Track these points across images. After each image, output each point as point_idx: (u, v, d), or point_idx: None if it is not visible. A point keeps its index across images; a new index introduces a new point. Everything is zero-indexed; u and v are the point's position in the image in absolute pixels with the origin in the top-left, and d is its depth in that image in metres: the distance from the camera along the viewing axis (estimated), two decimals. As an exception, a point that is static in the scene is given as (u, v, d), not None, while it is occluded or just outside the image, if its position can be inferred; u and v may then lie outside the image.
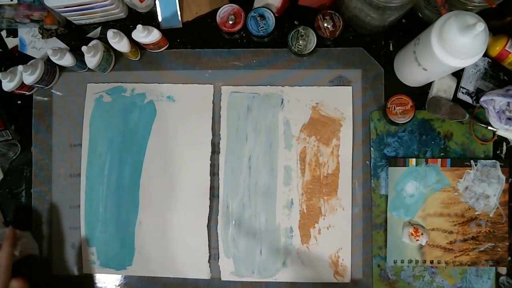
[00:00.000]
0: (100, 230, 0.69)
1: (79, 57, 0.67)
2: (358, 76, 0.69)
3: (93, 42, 0.67)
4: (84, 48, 0.63)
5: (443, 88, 0.67)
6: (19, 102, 0.73)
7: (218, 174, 0.69)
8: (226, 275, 0.68)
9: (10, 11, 0.66)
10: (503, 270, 0.66)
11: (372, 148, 0.68)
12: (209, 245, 0.68)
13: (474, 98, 0.67)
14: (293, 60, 0.70)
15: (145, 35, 0.64)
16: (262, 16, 0.66)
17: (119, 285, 0.70)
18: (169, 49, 0.71)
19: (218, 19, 0.67)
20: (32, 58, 0.71)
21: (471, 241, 0.66)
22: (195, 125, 0.69)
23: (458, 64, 0.52)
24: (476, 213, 0.66)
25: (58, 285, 0.70)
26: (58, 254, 0.71)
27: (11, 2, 0.63)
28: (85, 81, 0.71)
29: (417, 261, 0.66)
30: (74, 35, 0.72)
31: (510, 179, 0.65)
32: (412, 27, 0.68)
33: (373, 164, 0.68)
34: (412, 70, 0.62)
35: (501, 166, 0.65)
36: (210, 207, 0.69)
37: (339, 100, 0.68)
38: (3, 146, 0.69)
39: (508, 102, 0.62)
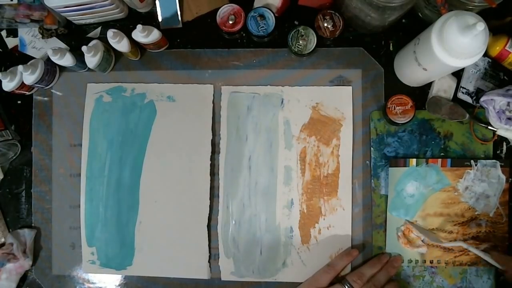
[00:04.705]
0: (100, 230, 0.69)
1: (79, 57, 0.67)
2: (358, 76, 0.69)
3: (93, 42, 0.67)
4: (84, 48, 0.63)
5: (443, 88, 0.67)
6: (19, 102, 0.73)
7: (218, 174, 0.69)
8: (226, 275, 0.68)
9: (10, 11, 0.66)
10: (503, 270, 0.66)
11: (372, 148, 0.68)
12: (209, 245, 0.68)
13: (474, 98, 0.67)
14: (293, 60, 0.70)
15: (145, 35, 0.64)
16: (262, 16, 0.66)
17: (119, 285, 0.70)
18: (169, 49, 0.71)
19: (218, 19, 0.67)
20: (32, 58, 0.71)
21: (471, 241, 0.66)
22: (195, 125, 0.69)
23: (458, 64, 0.52)
24: (476, 213, 0.66)
25: (58, 285, 0.71)
26: (58, 254, 0.71)
27: (11, 2, 0.63)
28: (85, 81, 0.71)
29: (417, 261, 0.66)
30: (74, 35, 0.72)
31: (510, 179, 0.65)
32: (412, 27, 0.68)
33: (373, 164, 0.68)
34: (412, 70, 0.62)
35: (501, 166, 0.65)
36: (210, 207, 0.69)
37: (339, 100, 0.68)
38: (3, 146, 0.69)
39: (508, 102, 0.62)
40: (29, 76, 0.66)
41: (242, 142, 0.69)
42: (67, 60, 0.66)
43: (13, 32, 0.73)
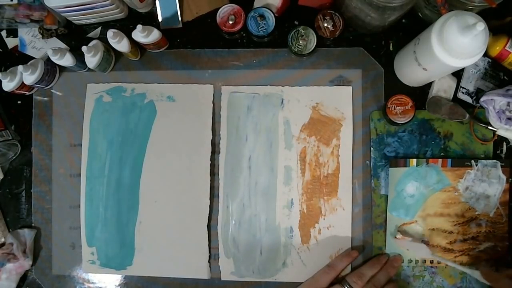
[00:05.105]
0: (100, 230, 0.69)
1: (79, 57, 0.67)
2: (358, 76, 0.69)
3: (93, 42, 0.67)
4: (84, 48, 0.63)
5: (443, 88, 0.67)
6: (19, 102, 0.73)
7: (218, 174, 0.69)
8: (226, 275, 0.68)
9: (10, 11, 0.66)
10: (503, 270, 0.66)
11: (372, 148, 0.68)
12: (209, 245, 0.68)
13: (474, 98, 0.67)
14: (293, 60, 0.70)
15: (145, 35, 0.64)
16: (262, 16, 0.66)
17: (119, 285, 0.70)
18: (169, 49, 0.71)
19: (218, 19, 0.67)
20: (32, 58, 0.71)
21: (471, 241, 0.66)
22: (195, 125, 0.69)
23: (458, 64, 0.52)
24: (476, 213, 0.66)
25: (58, 285, 0.71)
26: (58, 254, 0.71)
27: (11, 2, 0.63)
28: (85, 81, 0.71)
29: (417, 261, 0.66)
30: (74, 35, 0.72)
31: (511, 179, 0.65)
32: (412, 27, 0.68)
33: (373, 164, 0.68)
34: (412, 70, 0.62)
35: (501, 166, 0.65)
36: (210, 207, 0.69)
37: (339, 100, 0.68)
38: (3, 146, 0.69)
39: (508, 102, 0.62)
40: (29, 76, 0.66)
41: (242, 142, 0.69)
42: (67, 60, 0.66)
43: (13, 32, 0.73)
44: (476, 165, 0.65)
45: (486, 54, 0.66)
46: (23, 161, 0.72)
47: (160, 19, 0.71)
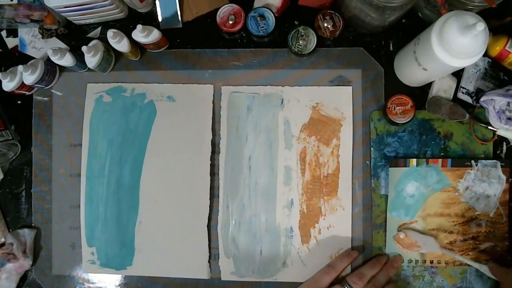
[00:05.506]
0: (100, 230, 0.69)
1: (79, 57, 0.67)
2: (358, 76, 0.69)
3: (93, 42, 0.67)
4: (84, 48, 0.63)
5: (443, 88, 0.67)
6: (19, 102, 0.73)
7: (218, 174, 0.69)
8: (226, 275, 0.68)
9: (10, 11, 0.66)
10: (503, 270, 0.66)
11: (372, 148, 0.68)
12: (209, 245, 0.68)
13: (474, 98, 0.67)
14: (293, 60, 0.70)
15: (145, 35, 0.64)
16: (262, 16, 0.66)
17: (119, 285, 0.70)
18: (169, 49, 0.71)
19: (218, 19, 0.67)
20: (32, 58, 0.71)
21: (471, 241, 0.66)
22: (195, 125, 0.69)
23: (458, 64, 0.52)
24: (476, 213, 0.66)
25: (58, 285, 0.71)
26: (58, 254, 0.71)
27: (11, 2, 0.63)
28: (85, 81, 0.71)
29: (417, 261, 0.66)
30: (74, 35, 0.72)
31: (511, 179, 0.65)
32: (412, 27, 0.68)
33: (373, 164, 0.68)
34: (412, 70, 0.62)
35: (501, 166, 0.65)
36: (210, 207, 0.69)
37: (339, 100, 0.68)
38: (3, 146, 0.69)
39: (508, 102, 0.62)
40: (29, 76, 0.66)
41: (242, 142, 0.69)
42: (67, 60, 0.66)
43: (13, 32, 0.73)
44: (476, 165, 0.65)
45: (486, 54, 0.66)
46: (23, 161, 0.72)
47: (160, 19, 0.71)
